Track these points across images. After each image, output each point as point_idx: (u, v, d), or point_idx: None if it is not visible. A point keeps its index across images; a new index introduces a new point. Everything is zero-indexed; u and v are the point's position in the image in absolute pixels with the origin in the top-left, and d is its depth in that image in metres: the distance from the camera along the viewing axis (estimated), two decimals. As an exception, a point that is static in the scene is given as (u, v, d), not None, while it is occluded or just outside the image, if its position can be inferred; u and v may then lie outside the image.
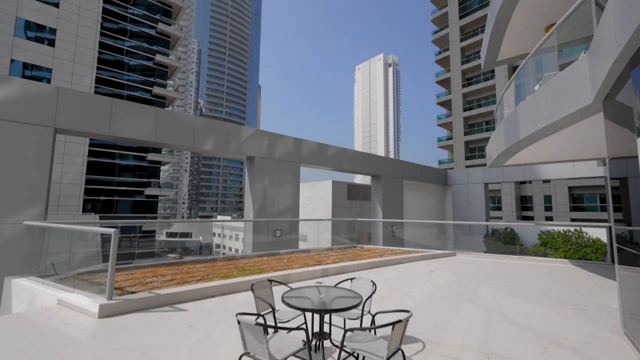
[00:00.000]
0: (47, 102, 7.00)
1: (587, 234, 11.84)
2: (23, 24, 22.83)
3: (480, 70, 39.30)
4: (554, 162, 8.94)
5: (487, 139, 38.26)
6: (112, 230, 3.91)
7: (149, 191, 29.88)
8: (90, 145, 26.37)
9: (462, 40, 41.42)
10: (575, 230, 12.34)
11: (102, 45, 27.13)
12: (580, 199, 30.11)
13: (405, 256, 8.20)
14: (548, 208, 31.63)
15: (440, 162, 45.11)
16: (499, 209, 35.04)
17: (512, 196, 33.95)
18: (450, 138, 42.92)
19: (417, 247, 10.29)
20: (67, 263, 5.14)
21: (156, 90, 30.70)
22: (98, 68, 26.79)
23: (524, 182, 33.91)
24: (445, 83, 44.84)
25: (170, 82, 35.30)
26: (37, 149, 6.74)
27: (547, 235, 13.15)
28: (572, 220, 29.26)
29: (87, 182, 25.64)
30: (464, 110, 40.24)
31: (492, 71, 38.08)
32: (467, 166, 38.21)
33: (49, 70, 23.21)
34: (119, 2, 29.07)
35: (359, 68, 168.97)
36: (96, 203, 27.19)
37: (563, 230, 12.74)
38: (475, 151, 39.63)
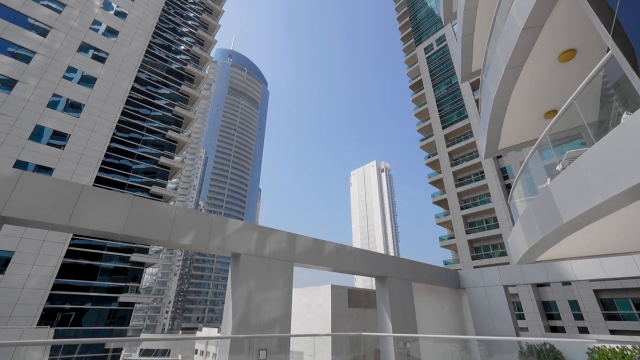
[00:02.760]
0: (1, 187, 6.12)
1: (654, 352, 9.35)
2: (41, 130, 24.49)
3: (472, 171, 41.24)
4: (597, 256, 7.58)
5: (490, 237, 36.90)
6: None
7: (124, 297, 26.44)
8: (72, 245, 24.65)
9: (448, 146, 44.95)
10: (634, 347, 9.86)
11: (109, 148, 28.64)
12: (611, 304, 26.63)
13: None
14: (578, 316, 27.68)
15: (445, 263, 42.39)
16: (521, 317, 30.79)
17: (532, 301, 30.30)
18: (452, 237, 41.58)
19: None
20: None
21: (154, 189, 30.97)
22: (101, 169, 27.53)
23: (542, 285, 30.83)
24: (438, 184, 46.43)
25: (170, 183, 36.14)
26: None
27: (600, 354, 10.49)
28: (612, 332, 25.15)
29: (57, 287, 22.81)
30: (462, 209, 40.26)
31: (482, 172, 39.91)
32: (475, 266, 35.62)
33: (50, 170, 23.64)
34: (138, 114, 32.29)
35: (354, 173, 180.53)
36: (62, 312, 23.56)
37: (619, 347, 10.21)
38: (480, 250, 37.71)
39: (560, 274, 14.69)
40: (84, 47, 28.82)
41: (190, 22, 41.65)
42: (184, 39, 40.05)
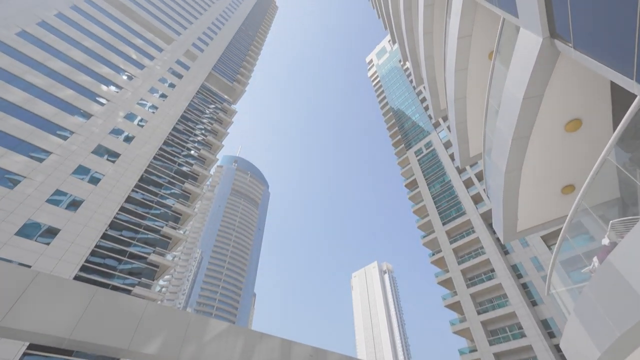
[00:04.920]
0: None
1: None
2: (31, 225, 23.70)
3: (481, 269, 38.58)
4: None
5: (518, 350, 31.41)
6: None
7: None
8: (31, 347, 20.49)
9: (451, 242, 43.50)
10: None
11: (97, 245, 27.22)
12: None
13: None
14: None
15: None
16: None
17: None
18: (473, 350, 35.64)
19: None
20: None
21: (137, 290, 27.99)
22: (83, 268, 25.48)
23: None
24: (447, 284, 42.91)
25: (157, 284, 33.06)
26: None
27: None
28: None
29: None
30: (479, 313, 35.90)
31: (492, 270, 37.33)
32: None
33: (27, 267, 21.70)
34: (136, 211, 32.09)
35: (355, 275, 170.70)
36: None
37: None
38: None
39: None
40: (98, 150, 30.88)
41: (202, 129, 46.27)
42: (194, 143, 43.66)
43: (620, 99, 5.01)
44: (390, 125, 70.72)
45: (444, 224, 45.74)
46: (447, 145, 52.06)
